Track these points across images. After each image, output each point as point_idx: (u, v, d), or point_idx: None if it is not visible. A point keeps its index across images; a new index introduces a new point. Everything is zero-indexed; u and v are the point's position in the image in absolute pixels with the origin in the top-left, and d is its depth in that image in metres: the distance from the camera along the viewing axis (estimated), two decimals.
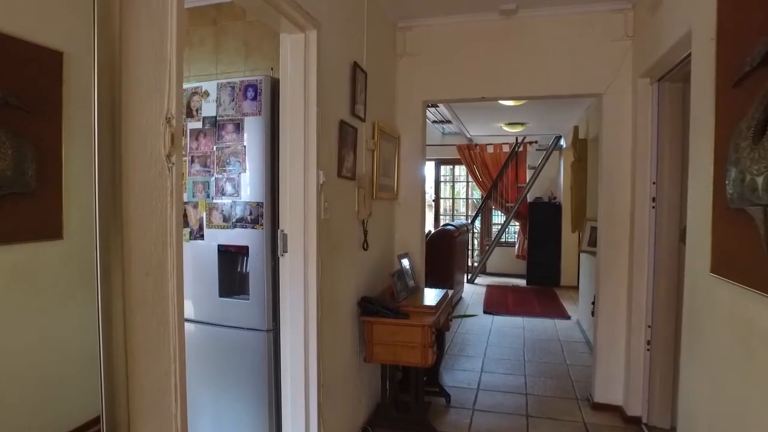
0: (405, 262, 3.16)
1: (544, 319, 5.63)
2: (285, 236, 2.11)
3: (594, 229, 4.68)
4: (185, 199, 2.26)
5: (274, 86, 2.12)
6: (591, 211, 4.89)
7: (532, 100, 4.89)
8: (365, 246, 2.73)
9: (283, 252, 2.11)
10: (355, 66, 2.53)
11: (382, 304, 2.66)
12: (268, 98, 2.11)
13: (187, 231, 2.26)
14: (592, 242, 4.67)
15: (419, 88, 3.39)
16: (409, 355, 2.63)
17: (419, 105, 3.41)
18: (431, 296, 3.07)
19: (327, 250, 2.25)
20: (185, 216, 2.26)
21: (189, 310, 2.31)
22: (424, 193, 3.54)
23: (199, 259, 2.26)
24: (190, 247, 2.28)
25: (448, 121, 7.25)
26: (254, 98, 2.10)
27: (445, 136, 8.58)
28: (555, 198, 8.00)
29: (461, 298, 6.77)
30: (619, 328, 3.05)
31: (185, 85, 2.24)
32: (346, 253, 2.53)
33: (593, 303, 3.50)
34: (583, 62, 3.05)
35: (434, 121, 7.48)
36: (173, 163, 1.20)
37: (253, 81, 2.11)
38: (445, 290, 3.22)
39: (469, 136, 8.07)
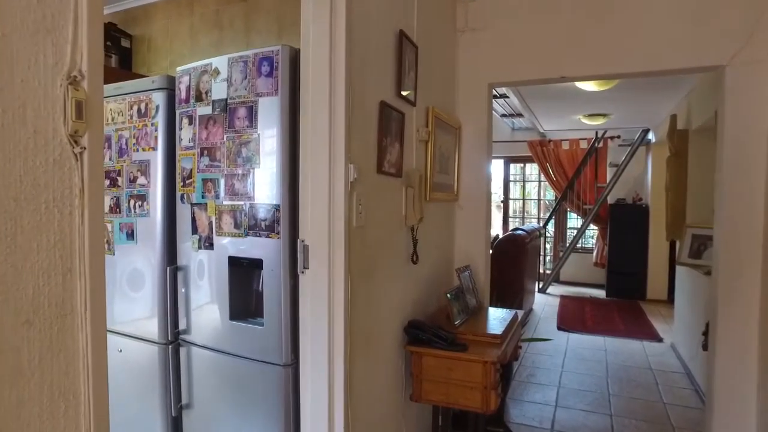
0: (465, 277, 2.63)
1: (629, 340, 4.84)
2: (306, 248, 1.67)
3: (698, 238, 3.87)
4: (194, 200, 1.88)
5: (295, 59, 1.68)
6: (694, 215, 4.07)
7: (618, 86, 4.15)
8: (414, 258, 2.24)
9: (304, 268, 1.67)
10: (402, 36, 2.04)
11: (435, 331, 2.15)
12: (287, 74, 1.68)
13: (195, 239, 1.88)
14: (695, 253, 3.87)
15: (484, 69, 2.84)
16: (467, 397, 2.11)
17: (484, 89, 2.86)
18: (497, 320, 2.51)
19: (362, 265, 1.79)
20: (194, 221, 1.88)
21: (196, 334, 1.93)
22: (489, 193, 2.98)
23: (207, 272, 1.88)
24: (198, 258, 1.89)
25: (519, 115, 6.57)
26: (269, 74, 1.68)
27: (515, 131, 7.86)
28: (641, 199, 7.07)
29: (532, 309, 6.08)
30: (747, 371, 2.33)
31: (193, 63, 1.86)
32: (389, 268, 2.05)
33: (705, 333, 2.78)
34: (697, 26, 2.36)
35: (503, 115, 6.82)
36: (84, 148, 0.77)
37: (268, 53, 1.68)
38: (513, 312, 2.65)
39: (542, 130, 7.31)
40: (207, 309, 1.89)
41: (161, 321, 1.99)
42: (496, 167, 8.25)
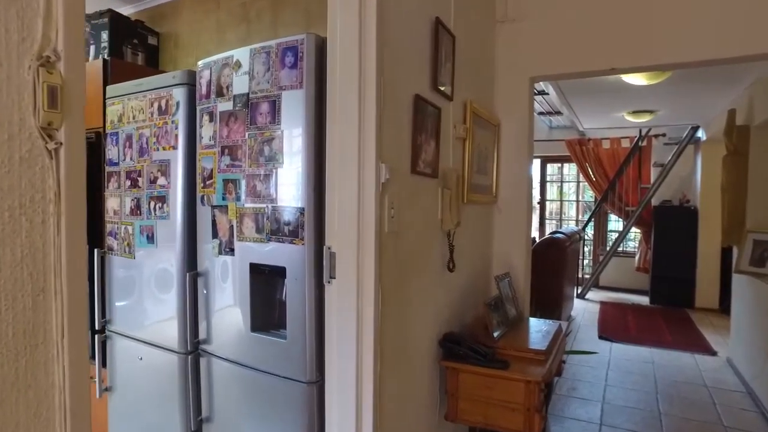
0: (505, 285, 2.43)
1: (678, 353, 4.51)
2: (332, 255, 1.52)
3: (761, 244, 3.55)
4: (214, 202, 1.76)
5: (321, 48, 1.54)
6: (756, 219, 3.74)
7: (670, 78, 3.85)
8: (451, 266, 2.06)
9: (330, 277, 1.52)
10: (438, 24, 1.86)
11: (472, 345, 1.97)
12: (313, 65, 1.53)
13: (216, 243, 1.76)
14: (758, 261, 3.55)
15: (525, 62, 2.63)
16: (507, 419, 1.92)
17: (525, 83, 2.65)
18: (539, 333, 2.31)
19: (394, 274, 1.63)
20: (214, 224, 1.76)
21: (216, 344, 1.81)
22: (530, 195, 2.77)
23: (227, 280, 1.75)
24: (218, 264, 1.77)
25: (557, 113, 6.28)
26: (294, 65, 1.53)
27: (553, 129, 7.55)
28: (688, 201, 6.65)
29: (571, 316, 5.78)
30: None
31: (214, 56, 1.74)
32: (424, 277, 1.88)
33: None
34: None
35: (540, 113, 6.54)
36: (60, 143, 0.63)
37: (292, 42, 1.54)
38: (557, 324, 2.44)
39: (581, 129, 6.98)
40: (227, 318, 1.77)
41: (181, 329, 1.88)
42: (533, 167, 7.94)
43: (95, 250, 2.16)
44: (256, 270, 1.67)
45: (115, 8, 2.83)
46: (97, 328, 2.20)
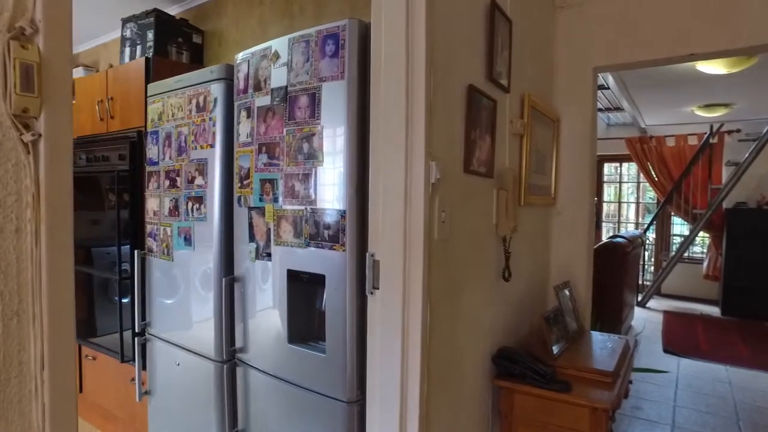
0: (564, 296, 2.21)
1: (760, 372, 4.07)
2: (376, 263, 1.37)
3: None
4: (251, 203, 1.65)
5: (365, 35, 1.40)
6: None
7: (755, 65, 3.46)
8: (506, 274, 1.87)
9: (373, 288, 1.38)
10: (494, 7, 1.68)
11: (530, 363, 1.77)
12: (355, 53, 1.39)
13: (252, 247, 1.65)
14: None
15: (589, 50, 2.39)
16: None
17: (588, 74, 2.41)
18: (604, 350, 2.07)
19: (444, 284, 1.46)
20: (251, 227, 1.66)
21: (253, 354, 1.71)
22: (593, 196, 2.52)
23: (264, 286, 1.64)
24: (255, 269, 1.67)
25: (617, 108, 5.88)
26: (335, 54, 1.40)
27: (611, 127, 7.11)
28: None
29: (631, 326, 5.39)
30: None
31: (253, 48, 1.64)
32: (476, 287, 1.71)
33: None
34: None
35: (598, 109, 6.15)
36: (39, 135, 0.52)
37: (332, 29, 1.40)
38: (623, 340, 2.18)
39: (643, 125, 6.52)
40: (264, 328, 1.66)
41: (217, 337, 1.79)
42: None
43: (135, 252, 2.12)
44: (293, 277, 1.55)
45: (162, 8, 2.81)
46: (137, 330, 2.16)
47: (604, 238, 5.81)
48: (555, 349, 1.92)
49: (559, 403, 1.70)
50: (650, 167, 6.81)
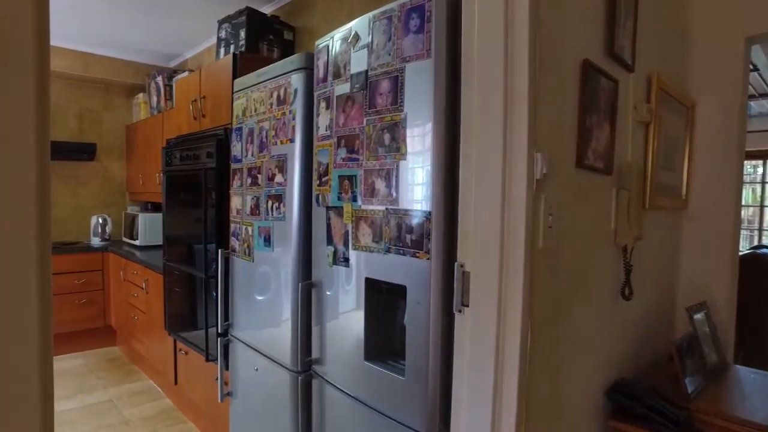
0: (701, 320, 1.81)
1: None
2: (466, 276, 1.15)
3: None
4: (329, 202, 1.51)
5: (454, 6, 1.18)
6: None
7: None
8: (626, 292, 1.54)
9: (462, 305, 1.16)
10: None
11: (656, 402, 1.44)
12: (443, 27, 1.18)
13: (330, 251, 1.51)
14: None
15: (739, 14, 1.94)
16: None
17: (738, 46, 1.95)
18: (758, 392, 1.65)
19: (548, 302, 1.21)
20: (329, 228, 1.51)
21: (329, 368, 1.56)
22: (739, 200, 2.06)
23: (341, 295, 1.49)
24: (332, 275, 1.52)
25: (763, 95, 5.01)
26: (419, 29, 1.20)
27: (753, 118, 6.12)
28: None
29: None
30: None
31: (332, 33, 1.49)
32: (589, 306, 1.41)
33: None
34: None
35: None
36: None
37: (417, 1, 1.20)
38: None
39: None
40: (340, 340, 1.50)
41: (293, 345, 1.68)
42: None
43: (219, 251, 2.09)
44: (372, 286, 1.38)
45: (256, 7, 2.81)
46: (219, 331, 2.13)
47: (742, 249, 4.97)
48: (689, 387, 1.55)
49: None
50: None
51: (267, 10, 3.01)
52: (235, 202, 2.02)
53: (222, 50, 2.82)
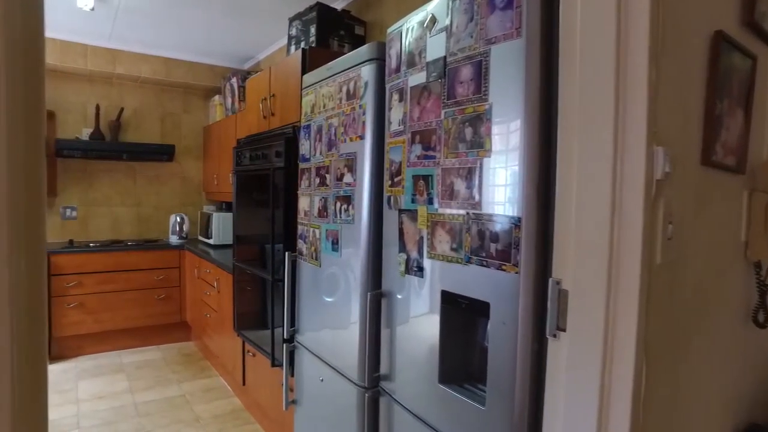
0: None
1: None
2: (563, 295, 0.96)
3: None
4: (402, 205, 1.36)
5: None
6: None
7: None
8: (760, 318, 1.27)
9: (557, 328, 0.97)
10: None
11: None
12: (538, 3, 1.00)
13: (402, 258, 1.37)
14: None
15: None
16: None
17: None
18: None
19: (665, 329, 0.99)
20: (401, 234, 1.37)
21: (399, 386, 1.42)
22: None
23: (414, 308, 1.34)
24: (404, 285, 1.38)
25: None
26: (507, 5, 1.03)
27: None
28: None
29: None
30: None
31: (405, 18, 1.35)
32: (714, 332, 1.17)
33: None
34: None
35: None
36: None
37: None
38: None
39: None
40: (411, 358, 1.36)
41: (360, 359, 1.56)
42: None
43: (286, 254, 2.02)
44: (449, 300, 1.22)
45: (327, 2, 2.74)
46: (285, 336, 2.06)
47: None
48: None
49: None
50: None
51: (338, 5, 2.93)
52: (303, 203, 1.94)
53: (292, 48, 2.77)
